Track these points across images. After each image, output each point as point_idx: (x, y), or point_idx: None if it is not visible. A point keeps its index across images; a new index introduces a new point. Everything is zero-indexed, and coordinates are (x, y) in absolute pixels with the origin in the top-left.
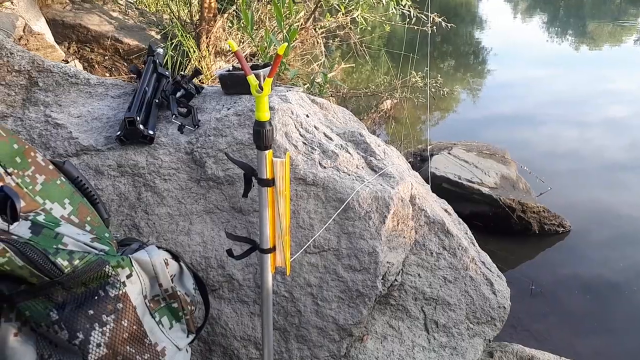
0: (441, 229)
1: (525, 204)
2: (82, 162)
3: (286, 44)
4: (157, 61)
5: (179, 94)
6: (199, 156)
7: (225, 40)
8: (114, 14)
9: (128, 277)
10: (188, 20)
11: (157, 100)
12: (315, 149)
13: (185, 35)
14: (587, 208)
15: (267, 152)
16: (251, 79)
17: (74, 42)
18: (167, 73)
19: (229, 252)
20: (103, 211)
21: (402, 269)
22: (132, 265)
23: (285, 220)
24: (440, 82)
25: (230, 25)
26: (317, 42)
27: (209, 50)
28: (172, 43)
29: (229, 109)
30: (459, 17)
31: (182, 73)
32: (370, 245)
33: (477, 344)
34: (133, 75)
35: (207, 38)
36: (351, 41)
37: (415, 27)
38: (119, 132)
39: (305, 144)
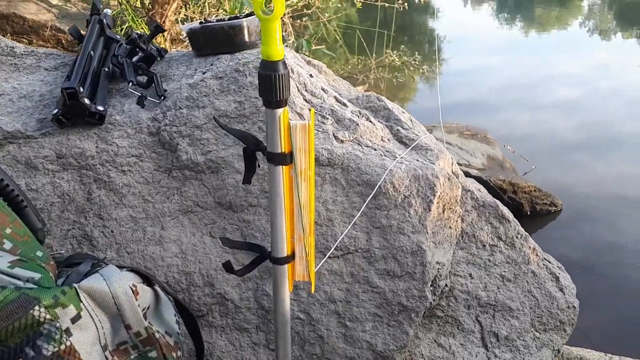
0: (494, 213)
1: (515, 184)
2: (7, 155)
3: None
4: (105, 22)
5: (135, 58)
6: (169, 137)
7: (182, 23)
8: (54, 1)
9: (74, 320)
10: (139, 5)
11: (106, 69)
12: (327, 118)
13: (137, 21)
14: (572, 185)
15: (281, 110)
16: None
17: (8, 34)
18: (118, 37)
19: (227, 266)
20: (35, 219)
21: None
22: (81, 301)
23: (309, 214)
24: (419, 59)
25: (186, 7)
26: (284, 23)
27: (164, 37)
28: (122, 29)
29: (204, 72)
30: (411, 6)
31: (138, 32)
32: (414, 241)
33: (546, 357)
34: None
35: (162, 22)
36: (320, 21)
37: (387, 5)
38: (55, 111)
39: (313, 111)
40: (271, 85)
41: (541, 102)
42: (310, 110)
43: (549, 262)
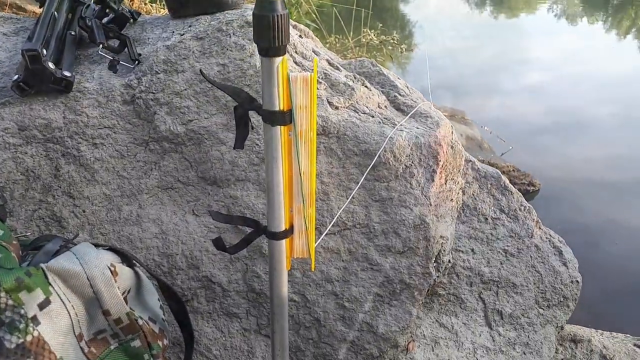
0: (496, 184)
1: (495, 164)
2: None
3: None
4: None
5: (105, 20)
6: (145, 105)
7: None
8: None
9: (43, 306)
10: None
11: (72, 33)
12: (320, 82)
13: None
14: (549, 166)
15: (279, 59)
16: None
17: None
18: None
19: (217, 243)
20: None
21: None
22: (50, 283)
23: (310, 182)
24: (397, 39)
25: None
26: None
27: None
28: None
29: (182, 34)
30: None
31: None
32: (416, 214)
33: (550, 335)
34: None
35: None
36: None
37: None
38: (16, 77)
39: None
40: (268, 27)
41: (511, 86)
42: (313, 60)
43: (551, 235)
